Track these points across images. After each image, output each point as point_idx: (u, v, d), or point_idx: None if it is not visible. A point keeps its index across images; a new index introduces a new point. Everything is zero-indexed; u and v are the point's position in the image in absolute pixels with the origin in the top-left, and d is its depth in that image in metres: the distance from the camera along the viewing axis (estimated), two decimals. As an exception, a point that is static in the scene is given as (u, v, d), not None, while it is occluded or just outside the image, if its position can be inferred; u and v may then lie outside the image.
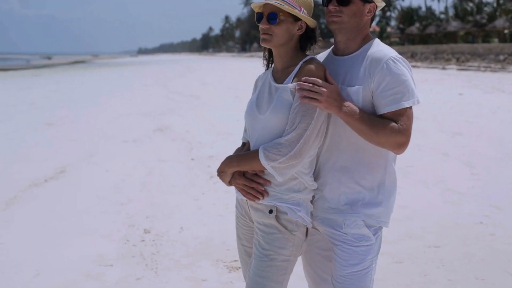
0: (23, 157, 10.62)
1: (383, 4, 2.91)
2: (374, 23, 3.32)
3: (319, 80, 2.66)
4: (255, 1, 2.84)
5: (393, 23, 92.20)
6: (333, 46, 2.98)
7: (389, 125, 2.68)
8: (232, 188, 2.91)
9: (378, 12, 2.98)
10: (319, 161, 2.88)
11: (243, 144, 3.03)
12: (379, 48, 2.81)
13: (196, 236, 6.05)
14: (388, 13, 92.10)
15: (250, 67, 47.70)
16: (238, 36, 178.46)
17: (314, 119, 2.68)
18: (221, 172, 2.90)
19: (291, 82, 2.74)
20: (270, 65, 2.99)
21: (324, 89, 2.64)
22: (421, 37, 73.96)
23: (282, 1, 2.74)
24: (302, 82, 2.67)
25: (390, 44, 70.69)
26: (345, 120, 2.70)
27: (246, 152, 2.89)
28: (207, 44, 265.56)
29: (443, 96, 20.16)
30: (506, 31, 58.86)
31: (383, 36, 77.05)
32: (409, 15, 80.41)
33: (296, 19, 2.78)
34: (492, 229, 6.07)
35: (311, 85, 2.65)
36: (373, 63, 2.75)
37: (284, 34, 2.77)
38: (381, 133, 2.67)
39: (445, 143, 11.15)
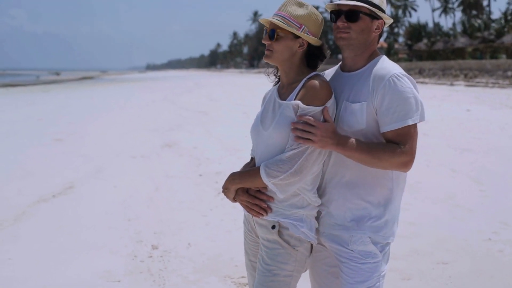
0: (31, 173, 10.65)
1: (391, 20, 2.92)
2: (382, 39, 3.33)
3: (311, 119, 2.65)
4: (263, 17, 2.88)
5: (400, 39, 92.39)
6: (341, 62, 2.99)
7: (389, 148, 2.68)
8: (240, 204, 2.92)
9: (385, 28, 2.99)
10: (325, 177, 2.87)
11: (252, 159, 3.04)
12: (383, 65, 2.81)
13: (204, 252, 6.04)
14: (395, 29, 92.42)
15: (258, 83, 47.74)
16: (246, 52, 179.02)
17: None
18: (225, 189, 2.92)
19: (295, 98, 2.76)
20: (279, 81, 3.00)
21: (317, 129, 2.64)
22: (429, 53, 73.95)
23: (283, 18, 2.77)
24: (295, 122, 2.68)
25: (398, 60, 70.74)
26: (345, 154, 2.71)
27: (249, 169, 2.91)
28: (215, 60, 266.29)
29: (451, 112, 20.13)
30: (514, 47, 58.84)
31: (391, 53, 77.16)
32: (416, 31, 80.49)
33: (297, 36, 2.80)
34: (501, 245, 6.03)
35: (305, 124, 2.65)
36: (377, 80, 2.75)
37: (283, 50, 2.80)
38: (383, 158, 2.67)
39: (453, 159, 11.12)
